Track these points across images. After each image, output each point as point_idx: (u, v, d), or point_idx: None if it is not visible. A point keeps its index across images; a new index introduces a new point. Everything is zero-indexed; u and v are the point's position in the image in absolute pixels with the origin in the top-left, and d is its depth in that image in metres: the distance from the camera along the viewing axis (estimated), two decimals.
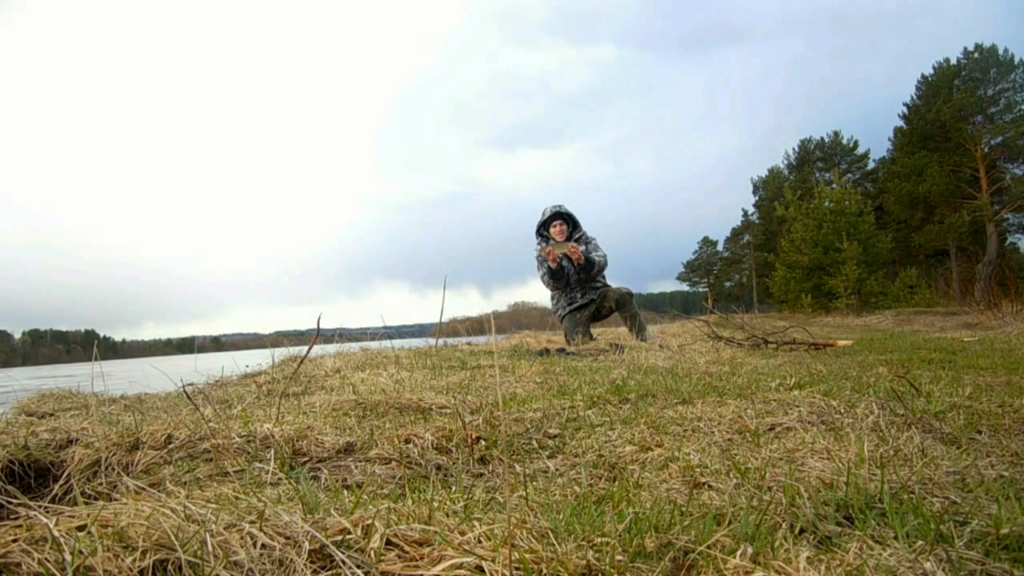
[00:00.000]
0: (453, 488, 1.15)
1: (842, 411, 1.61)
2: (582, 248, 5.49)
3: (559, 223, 5.61)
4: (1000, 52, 23.52)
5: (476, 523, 0.80)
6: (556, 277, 5.61)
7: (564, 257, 5.50)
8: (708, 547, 0.72)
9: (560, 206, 5.69)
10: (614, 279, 5.98)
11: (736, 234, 44.38)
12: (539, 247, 5.67)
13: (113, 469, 1.34)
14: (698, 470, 1.16)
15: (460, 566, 0.69)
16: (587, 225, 5.86)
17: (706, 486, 1.08)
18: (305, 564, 0.69)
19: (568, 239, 5.56)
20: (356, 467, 1.31)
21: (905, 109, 26.70)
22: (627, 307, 5.56)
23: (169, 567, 0.67)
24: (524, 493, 1.02)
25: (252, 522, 0.74)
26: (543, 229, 5.74)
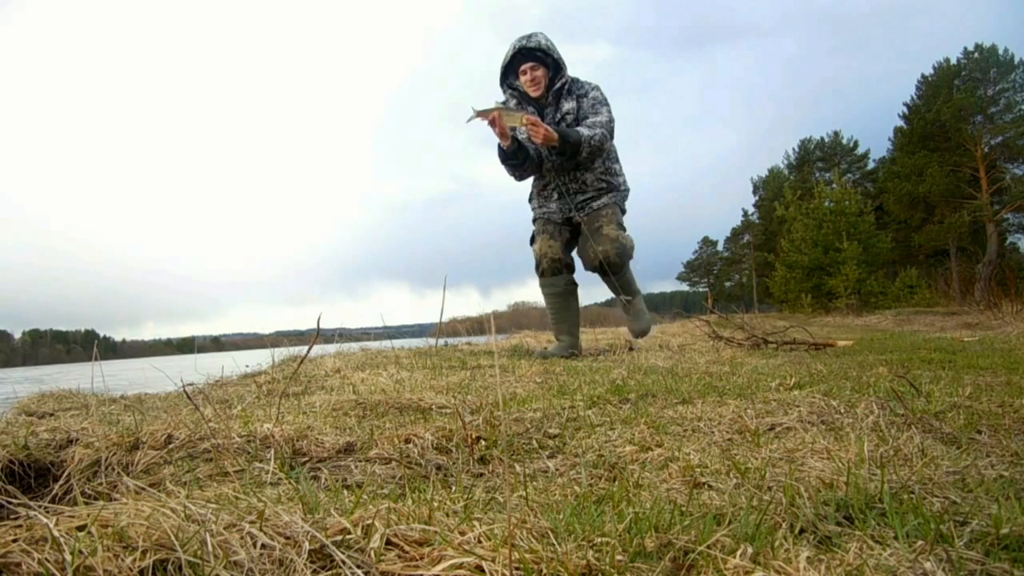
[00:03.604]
0: (453, 488, 1.15)
1: (842, 411, 1.61)
2: (567, 107, 3.36)
3: (531, 66, 3.35)
4: (1000, 52, 23.55)
5: (476, 523, 0.80)
6: (509, 161, 3.39)
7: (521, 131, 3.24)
8: (708, 547, 0.72)
9: (532, 36, 3.36)
10: None
11: (736, 234, 44.42)
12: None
13: (113, 469, 1.34)
14: (698, 470, 1.16)
15: (460, 566, 0.69)
16: None
17: (706, 486, 1.08)
18: (305, 564, 0.69)
19: (548, 90, 3.39)
20: (356, 467, 1.31)
21: (905, 109, 26.75)
22: (616, 272, 3.60)
23: (169, 567, 0.67)
24: (524, 493, 1.02)
25: (252, 522, 0.74)
26: (510, 76, 3.49)
